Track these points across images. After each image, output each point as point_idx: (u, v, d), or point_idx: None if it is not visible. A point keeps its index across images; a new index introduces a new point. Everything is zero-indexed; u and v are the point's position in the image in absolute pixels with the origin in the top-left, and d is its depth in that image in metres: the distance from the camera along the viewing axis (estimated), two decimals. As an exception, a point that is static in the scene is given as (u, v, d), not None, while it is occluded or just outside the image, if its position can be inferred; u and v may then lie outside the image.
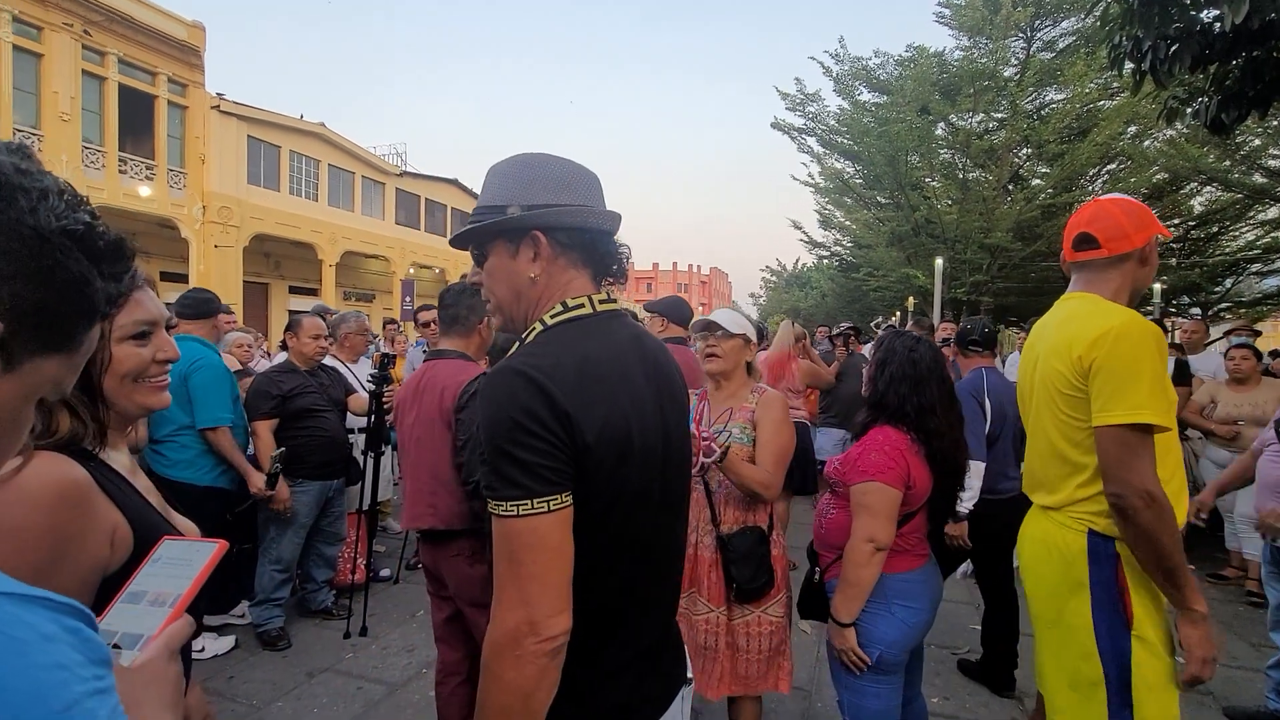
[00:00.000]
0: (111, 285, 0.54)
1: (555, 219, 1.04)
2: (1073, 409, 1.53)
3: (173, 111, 16.67)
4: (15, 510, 0.79)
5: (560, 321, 1.05)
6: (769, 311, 56.67)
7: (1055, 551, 1.59)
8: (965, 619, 3.81)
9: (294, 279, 21.77)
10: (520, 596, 0.89)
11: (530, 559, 0.90)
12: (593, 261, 1.10)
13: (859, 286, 22.24)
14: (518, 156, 1.10)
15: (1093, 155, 13.25)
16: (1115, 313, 1.51)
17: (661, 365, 1.11)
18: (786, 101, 16.81)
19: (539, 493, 0.90)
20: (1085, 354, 1.47)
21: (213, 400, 3.01)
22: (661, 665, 1.11)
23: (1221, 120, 4.77)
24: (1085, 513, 1.55)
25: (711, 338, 2.20)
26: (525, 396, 0.91)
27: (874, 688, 1.80)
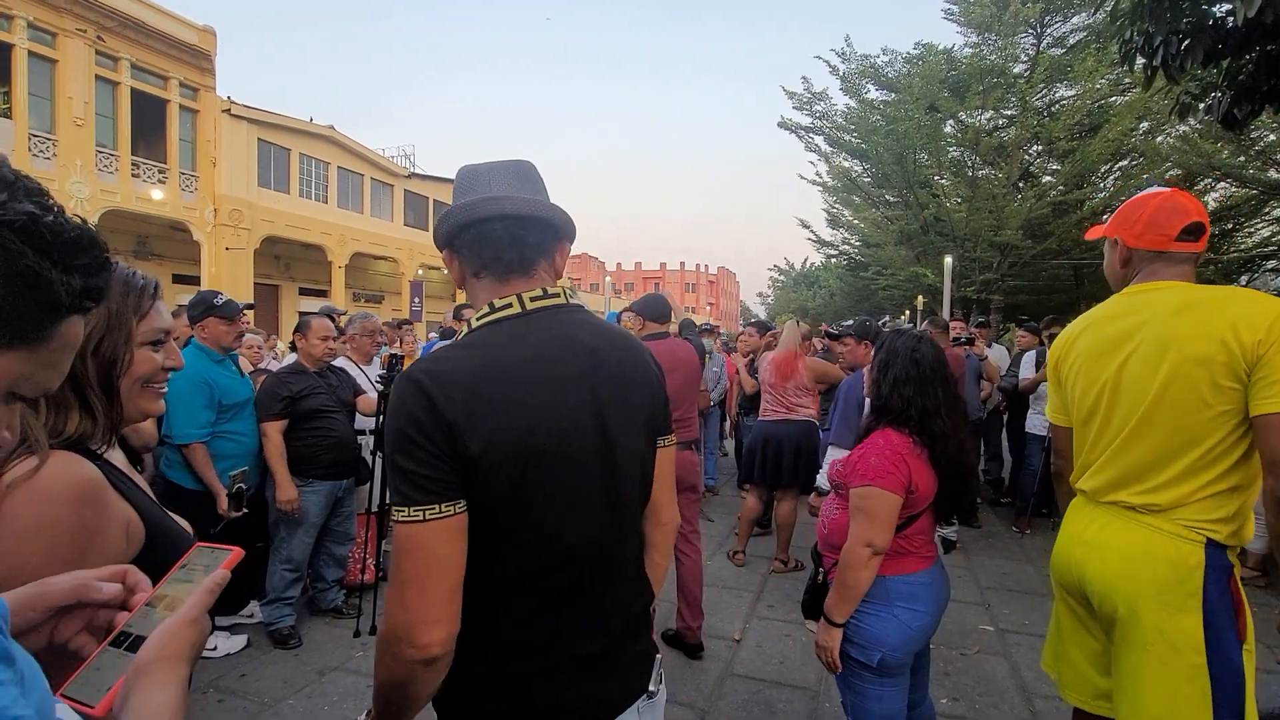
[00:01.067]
0: (76, 279, 0.52)
1: (449, 225, 1.03)
2: (1226, 401, 1.40)
3: (184, 115, 16.85)
4: (41, 508, 0.81)
5: (485, 323, 1.02)
6: (777, 311, 56.53)
7: (1163, 564, 1.45)
8: (974, 619, 3.79)
9: (304, 281, 21.95)
10: (400, 599, 0.90)
11: (409, 563, 0.90)
12: (496, 254, 1.03)
13: (868, 285, 22.15)
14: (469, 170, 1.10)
15: (1104, 152, 13.11)
16: (1270, 298, 1.44)
17: (608, 363, 1.05)
18: (793, 100, 16.76)
19: (416, 501, 0.90)
20: (1265, 338, 1.35)
21: (180, 415, 2.98)
22: (613, 671, 1.07)
23: (1235, 115, 4.71)
24: (1203, 520, 1.43)
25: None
26: (412, 404, 0.92)
27: (876, 690, 1.79)
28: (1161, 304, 1.52)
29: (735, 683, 3.12)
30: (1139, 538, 1.49)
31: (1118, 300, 1.64)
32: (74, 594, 0.68)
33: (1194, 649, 1.40)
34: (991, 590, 4.25)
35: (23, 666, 0.49)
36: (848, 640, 1.81)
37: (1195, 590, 1.41)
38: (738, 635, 3.60)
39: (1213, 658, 1.39)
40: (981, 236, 14.65)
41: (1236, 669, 1.40)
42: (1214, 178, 12.51)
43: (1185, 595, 1.42)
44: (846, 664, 1.83)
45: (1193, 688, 1.40)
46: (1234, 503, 1.44)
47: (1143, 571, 1.46)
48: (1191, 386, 1.43)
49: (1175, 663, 1.42)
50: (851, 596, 1.75)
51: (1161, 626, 1.43)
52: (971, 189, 15.26)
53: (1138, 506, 1.50)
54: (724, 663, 3.30)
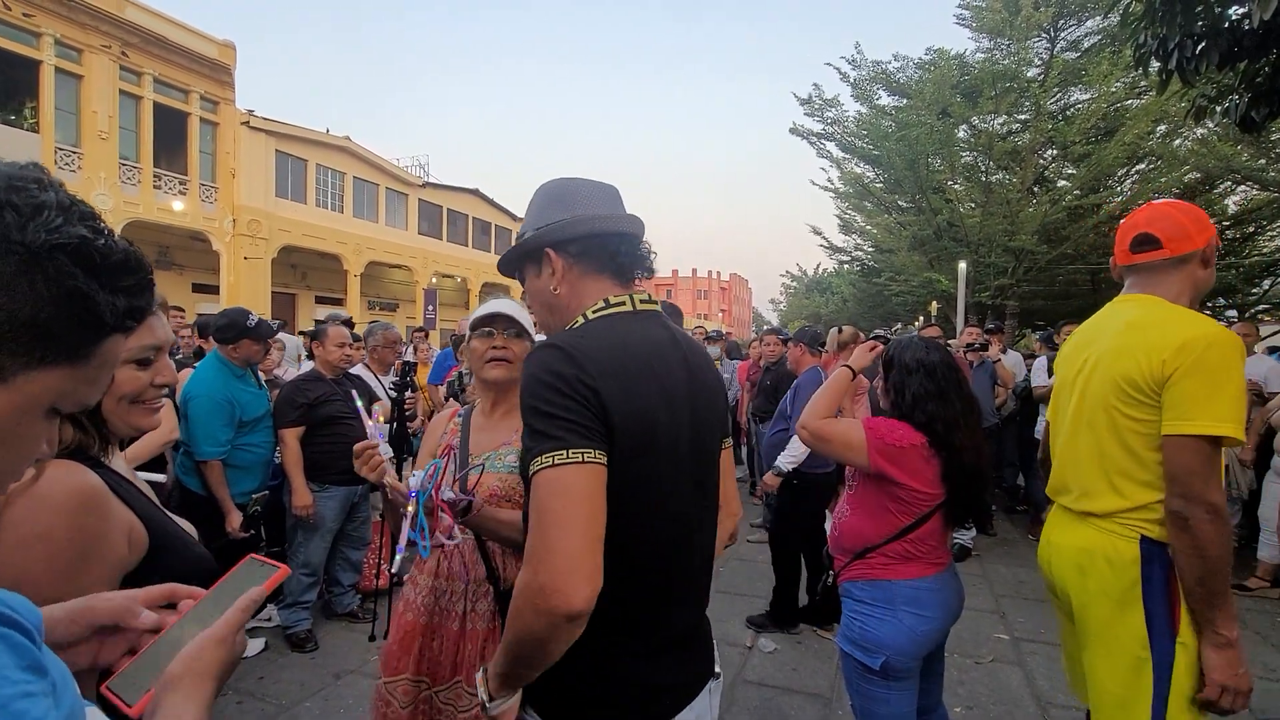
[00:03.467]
0: (120, 299, 0.54)
1: (561, 233, 1.13)
2: (1140, 413, 1.48)
3: (204, 128, 17.20)
4: (41, 517, 0.83)
5: (601, 315, 1.11)
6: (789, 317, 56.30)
7: (1103, 560, 1.53)
8: (988, 627, 3.75)
9: (320, 289, 22.23)
10: (546, 547, 0.89)
11: (561, 506, 0.90)
12: (610, 265, 1.15)
13: (880, 291, 21.99)
14: (543, 185, 1.21)
15: (1120, 155, 12.95)
16: (1199, 320, 1.48)
17: (694, 367, 1.16)
18: (805, 107, 16.74)
19: (574, 444, 0.92)
20: (1170, 359, 1.41)
21: (200, 434, 3.03)
22: (692, 654, 1.15)
23: (1252, 118, 4.66)
24: (1138, 520, 1.50)
25: (498, 336, 1.70)
26: (562, 366, 0.97)
27: (883, 694, 1.78)
28: (1119, 317, 1.62)
29: (747, 689, 3.11)
30: (1082, 536, 1.59)
31: (1100, 310, 1.75)
32: (116, 614, 0.70)
33: (1138, 642, 1.47)
34: (1006, 598, 4.21)
35: (54, 676, 0.51)
36: (854, 644, 1.81)
37: (1134, 584, 1.48)
38: (749, 642, 3.59)
39: (1154, 647, 1.46)
40: (996, 242, 14.51)
41: (1167, 662, 1.45)
42: (1233, 181, 12.33)
43: (1125, 590, 1.49)
44: (852, 667, 1.83)
45: (1138, 678, 1.47)
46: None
47: (1089, 568, 1.55)
48: (1110, 401, 1.52)
49: (1121, 651, 1.50)
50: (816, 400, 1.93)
51: (1108, 620, 1.52)
52: (985, 194, 15.14)
53: (1079, 512, 1.60)
54: (735, 669, 3.29)
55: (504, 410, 1.72)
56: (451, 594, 1.63)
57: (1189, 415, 1.39)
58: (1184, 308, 1.56)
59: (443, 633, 1.61)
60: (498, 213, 29.61)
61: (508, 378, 1.68)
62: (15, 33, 13.26)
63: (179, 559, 1.01)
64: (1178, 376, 1.41)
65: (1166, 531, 1.46)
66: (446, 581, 1.63)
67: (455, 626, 1.61)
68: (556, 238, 1.13)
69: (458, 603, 1.62)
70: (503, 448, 1.68)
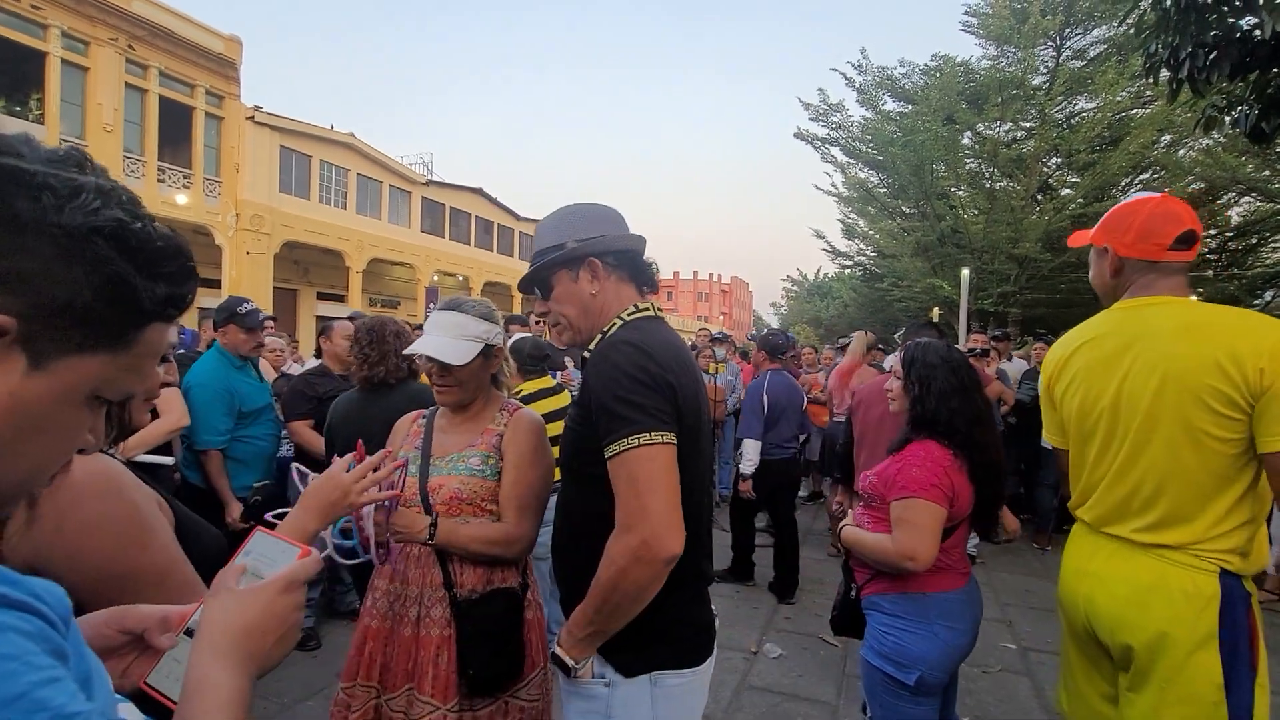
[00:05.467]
0: (160, 286, 0.53)
1: (603, 246, 1.32)
2: (1227, 431, 1.31)
3: (209, 122, 17.17)
4: (90, 505, 0.83)
5: (638, 318, 1.31)
6: (790, 321, 56.31)
7: (1179, 596, 1.36)
8: (995, 636, 3.73)
9: (322, 285, 22.20)
10: (645, 509, 1.08)
11: (650, 474, 1.09)
12: (635, 276, 1.36)
13: (883, 297, 21.97)
14: (562, 208, 1.39)
15: (1125, 164, 12.99)
16: (1273, 321, 1.34)
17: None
18: (809, 112, 16.76)
19: (655, 427, 1.11)
20: (1269, 366, 1.26)
21: (199, 423, 3.00)
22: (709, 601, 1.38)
23: (1262, 129, 4.65)
24: (1216, 551, 1.35)
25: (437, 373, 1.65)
26: (640, 359, 1.15)
27: (911, 710, 1.74)
28: (1162, 321, 1.43)
29: (752, 695, 3.09)
30: (1148, 567, 1.40)
31: (1113, 315, 1.55)
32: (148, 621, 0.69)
33: (1213, 686, 1.33)
34: (1013, 607, 4.19)
35: (89, 665, 0.49)
36: (887, 658, 1.76)
37: (1212, 623, 1.33)
38: (754, 647, 3.57)
39: (1231, 690, 1.32)
40: (999, 249, 14.53)
41: (1249, 701, 1.33)
42: (1238, 192, 12.34)
43: (1203, 628, 1.33)
44: (881, 681, 1.78)
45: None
46: (1245, 534, 1.36)
47: (1156, 604, 1.37)
48: (1190, 414, 1.34)
49: (1194, 701, 1.34)
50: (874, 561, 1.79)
51: (1180, 663, 1.35)
52: (989, 201, 15.15)
53: (1143, 545, 1.42)
54: (741, 674, 3.27)
55: (468, 415, 1.72)
56: (406, 599, 1.61)
57: None
58: (1232, 307, 1.45)
59: (396, 638, 1.59)
60: (501, 212, 29.59)
61: (456, 401, 1.68)
62: (22, 24, 13.24)
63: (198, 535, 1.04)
64: (1278, 384, 1.26)
65: (1250, 559, 1.35)
66: (401, 586, 1.61)
67: (408, 632, 1.58)
68: (600, 249, 1.31)
69: (411, 608, 1.59)
70: (467, 450, 1.66)
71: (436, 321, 1.66)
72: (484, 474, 1.62)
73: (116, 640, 0.69)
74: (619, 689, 1.21)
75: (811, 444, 6.54)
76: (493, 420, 1.71)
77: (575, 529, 1.29)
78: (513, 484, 1.62)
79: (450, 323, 1.64)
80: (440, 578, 1.57)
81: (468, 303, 1.70)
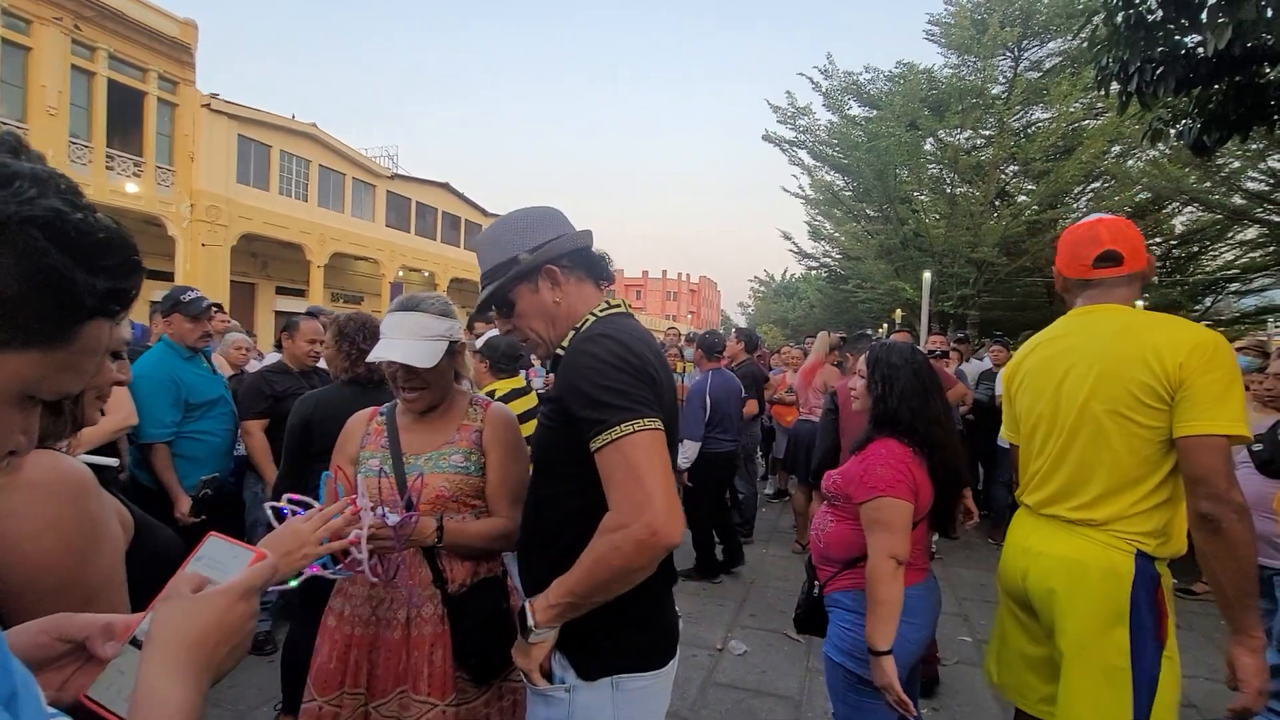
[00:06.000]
0: (101, 280, 0.51)
1: (558, 250, 1.29)
2: (1150, 419, 1.47)
3: (162, 109, 16.52)
4: (47, 507, 0.79)
5: (610, 314, 1.29)
6: (757, 320, 56.93)
7: (1099, 572, 1.52)
8: (952, 629, 3.83)
9: (281, 279, 21.59)
10: (644, 493, 1.05)
11: (649, 460, 1.07)
12: (591, 272, 1.34)
13: (848, 298, 22.43)
14: (501, 220, 1.34)
15: (1077, 173, 13.51)
16: (1193, 324, 1.53)
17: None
18: (777, 115, 16.98)
19: (645, 414, 1.09)
20: (1186, 361, 1.42)
21: (143, 415, 2.86)
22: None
23: (1204, 142, 4.89)
24: (1135, 532, 1.50)
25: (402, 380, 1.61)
26: (620, 350, 1.14)
27: (873, 704, 1.75)
28: (1101, 326, 1.61)
29: (718, 691, 3.12)
30: (1075, 546, 1.56)
31: (1064, 321, 1.73)
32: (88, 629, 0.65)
33: (1121, 654, 1.48)
34: (969, 601, 4.32)
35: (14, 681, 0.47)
36: (848, 655, 1.78)
37: (1125, 598, 1.49)
38: (720, 644, 3.60)
39: (1135, 660, 1.47)
40: (959, 253, 14.95)
41: (1154, 672, 1.48)
42: (1181, 201, 12.93)
43: (1117, 603, 1.49)
44: (844, 677, 1.80)
45: (1116, 691, 1.49)
46: (1163, 516, 1.50)
47: (1079, 579, 1.54)
48: (1118, 406, 1.51)
49: (1101, 664, 1.50)
50: (891, 614, 1.67)
51: (1095, 631, 1.52)
52: (950, 206, 15.58)
53: (1075, 521, 1.58)
54: (706, 671, 3.29)
55: (437, 412, 1.68)
56: (392, 602, 1.57)
57: (1209, 415, 1.39)
58: (1168, 314, 1.61)
59: (383, 643, 1.56)
60: (468, 207, 29.20)
61: (428, 404, 1.65)
62: (-43, -1, 12.56)
63: (157, 542, 1.01)
64: (1192, 378, 1.41)
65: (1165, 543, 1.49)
66: (385, 590, 1.56)
67: (397, 635, 1.55)
68: (554, 254, 1.28)
69: (399, 610, 1.56)
70: (445, 447, 1.63)
71: (395, 324, 1.59)
72: (468, 470, 1.62)
73: (56, 649, 0.65)
74: (580, 693, 1.19)
75: (778, 442, 6.63)
76: (467, 416, 1.70)
77: (553, 527, 1.25)
78: (503, 479, 1.65)
79: (411, 324, 1.58)
80: (430, 575, 1.58)
81: (425, 300, 1.64)
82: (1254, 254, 13.65)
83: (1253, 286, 14.46)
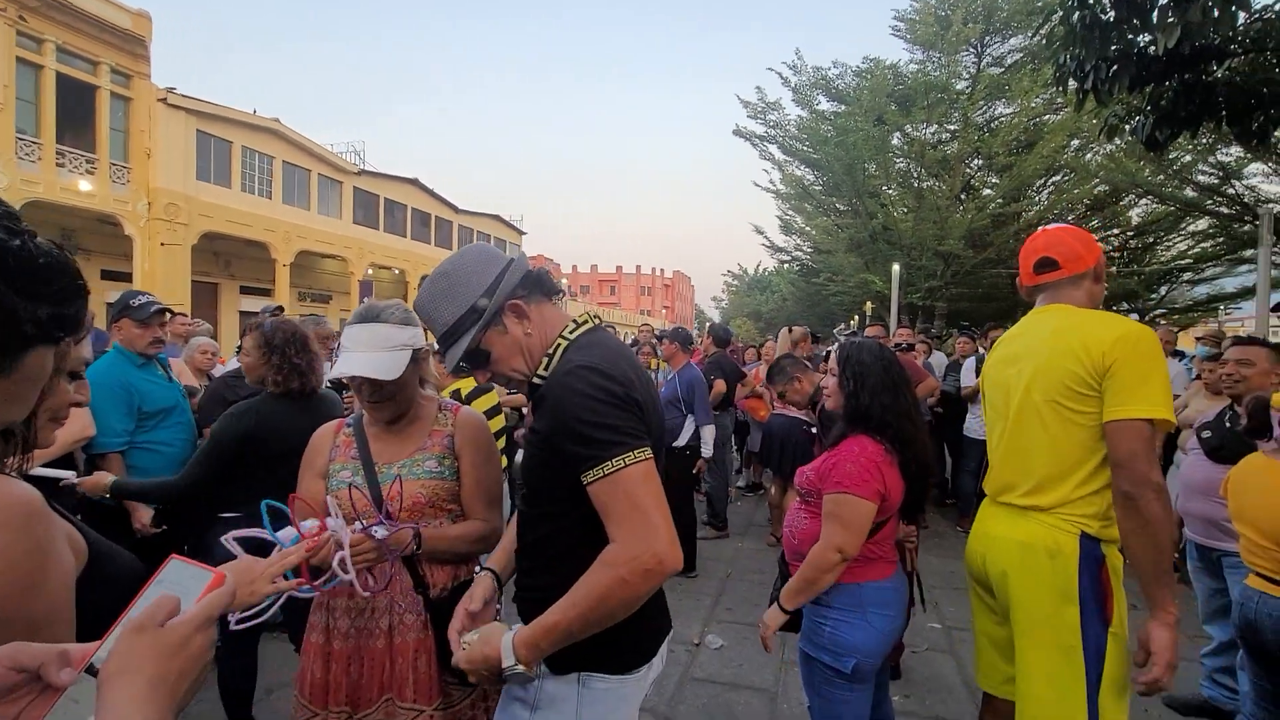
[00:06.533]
0: (43, 308, 0.49)
1: (511, 283, 1.26)
2: (1083, 406, 1.59)
3: (116, 103, 15.95)
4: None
5: (581, 334, 1.28)
6: (731, 314, 57.32)
7: (1045, 554, 1.62)
8: (922, 617, 3.91)
9: (246, 279, 21.06)
10: (646, 523, 1.07)
11: (649, 491, 1.09)
12: (545, 291, 1.33)
13: (819, 291, 22.69)
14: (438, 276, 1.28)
15: (1039, 167, 13.82)
16: (1123, 318, 1.66)
17: None
18: (748, 110, 17.06)
19: (636, 445, 1.10)
20: (1109, 352, 1.55)
21: (95, 424, 2.77)
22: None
23: (1156, 138, 5.05)
24: (1078, 515, 1.61)
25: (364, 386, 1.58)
26: (602, 381, 1.13)
27: (846, 694, 1.80)
28: (1044, 324, 1.75)
29: (695, 686, 3.15)
30: (1025, 530, 1.67)
31: (1021, 322, 1.89)
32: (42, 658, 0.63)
33: (1071, 632, 1.58)
34: (938, 589, 4.41)
35: None
36: (822, 648, 1.82)
37: (1071, 578, 1.59)
38: (696, 640, 3.63)
39: (1085, 637, 1.57)
40: (926, 246, 15.21)
41: (1100, 651, 1.57)
42: (1137, 194, 13.33)
43: (1063, 583, 1.59)
44: (818, 671, 1.84)
45: (1069, 667, 1.58)
46: (1105, 499, 1.61)
47: (1028, 560, 1.65)
48: (1054, 395, 1.64)
49: (1054, 641, 1.60)
50: (810, 592, 1.81)
51: (1045, 611, 1.61)
52: (917, 200, 15.85)
53: (1024, 507, 1.70)
54: (683, 667, 3.32)
55: (405, 420, 1.67)
56: (373, 611, 1.56)
57: (1128, 400, 1.52)
58: (1102, 311, 1.73)
59: (365, 654, 1.55)
60: (438, 204, 28.81)
61: (393, 415, 1.64)
62: (-111, -12, 11.94)
63: (114, 565, 0.97)
64: (1116, 367, 1.54)
65: (1109, 525, 1.59)
66: (365, 600, 1.55)
67: (380, 644, 1.55)
68: (511, 288, 1.25)
69: (381, 619, 1.56)
70: (418, 454, 1.63)
71: (356, 337, 1.56)
72: (443, 475, 1.62)
73: (9, 680, 0.63)
74: (547, 682, 1.21)
75: (753, 436, 6.70)
76: (437, 422, 1.69)
77: (547, 558, 1.26)
78: (478, 482, 1.66)
79: (372, 336, 1.55)
80: (410, 582, 1.58)
81: (385, 310, 1.61)
82: (1205, 244, 14.15)
83: (1204, 275, 14.99)
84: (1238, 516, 2.19)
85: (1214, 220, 12.94)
